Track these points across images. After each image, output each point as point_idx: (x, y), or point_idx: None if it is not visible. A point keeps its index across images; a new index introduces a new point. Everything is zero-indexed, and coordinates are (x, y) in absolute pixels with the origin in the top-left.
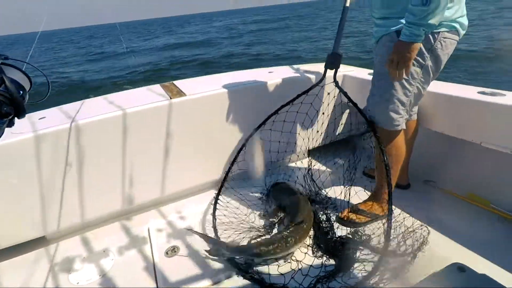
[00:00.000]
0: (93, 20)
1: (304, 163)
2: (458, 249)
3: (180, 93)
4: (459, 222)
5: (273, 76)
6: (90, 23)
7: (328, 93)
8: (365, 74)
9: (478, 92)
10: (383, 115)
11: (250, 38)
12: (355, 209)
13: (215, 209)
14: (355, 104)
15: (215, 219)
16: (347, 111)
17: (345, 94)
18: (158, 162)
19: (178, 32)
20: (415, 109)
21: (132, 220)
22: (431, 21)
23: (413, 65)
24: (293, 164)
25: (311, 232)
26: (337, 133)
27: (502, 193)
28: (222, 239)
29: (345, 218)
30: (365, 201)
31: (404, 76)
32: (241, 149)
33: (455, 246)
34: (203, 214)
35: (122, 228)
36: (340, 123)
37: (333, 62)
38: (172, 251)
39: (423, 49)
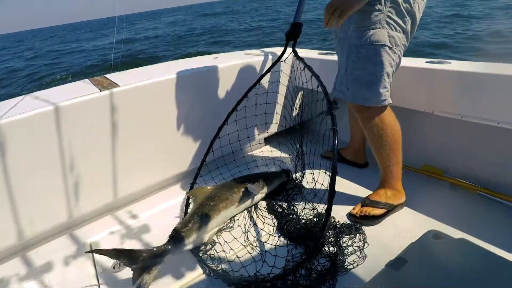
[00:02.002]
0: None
1: (265, 150)
2: (424, 220)
3: (112, 84)
4: (418, 194)
5: (219, 61)
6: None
7: (290, 73)
8: (323, 55)
9: (426, 62)
10: (368, 91)
11: (199, 30)
12: (367, 202)
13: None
14: (317, 77)
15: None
16: (304, 93)
17: (306, 64)
18: (100, 164)
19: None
20: None
21: (74, 233)
22: None
23: (395, 30)
24: (255, 152)
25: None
26: (293, 116)
27: (455, 161)
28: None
29: (360, 214)
30: (376, 191)
31: (388, 43)
32: (215, 137)
33: (421, 217)
34: (157, 218)
35: (61, 245)
36: (300, 106)
37: (292, 32)
38: (120, 264)
39: (404, 12)
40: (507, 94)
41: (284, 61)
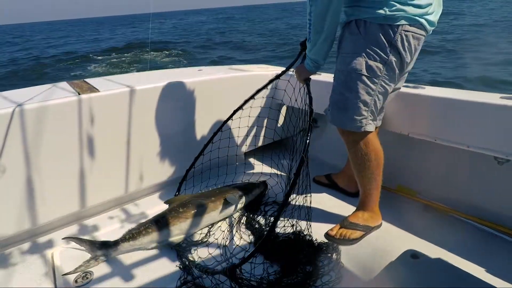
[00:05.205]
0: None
1: (245, 164)
2: (399, 239)
3: (92, 89)
4: (393, 214)
5: (203, 74)
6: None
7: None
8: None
9: (402, 86)
10: (343, 116)
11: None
12: (346, 224)
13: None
14: (310, 98)
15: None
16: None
17: (308, 88)
18: (63, 173)
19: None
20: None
21: (33, 244)
22: (312, 55)
23: (374, 60)
24: (236, 165)
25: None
26: (275, 131)
27: (428, 182)
28: None
29: (338, 236)
30: (354, 213)
31: (365, 72)
32: (197, 157)
33: (396, 237)
34: (119, 232)
35: (18, 256)
36: (282, 121)
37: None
38: (83, 278)
39: (384, 42)
40: (475, 119)
41: (293, 71)
